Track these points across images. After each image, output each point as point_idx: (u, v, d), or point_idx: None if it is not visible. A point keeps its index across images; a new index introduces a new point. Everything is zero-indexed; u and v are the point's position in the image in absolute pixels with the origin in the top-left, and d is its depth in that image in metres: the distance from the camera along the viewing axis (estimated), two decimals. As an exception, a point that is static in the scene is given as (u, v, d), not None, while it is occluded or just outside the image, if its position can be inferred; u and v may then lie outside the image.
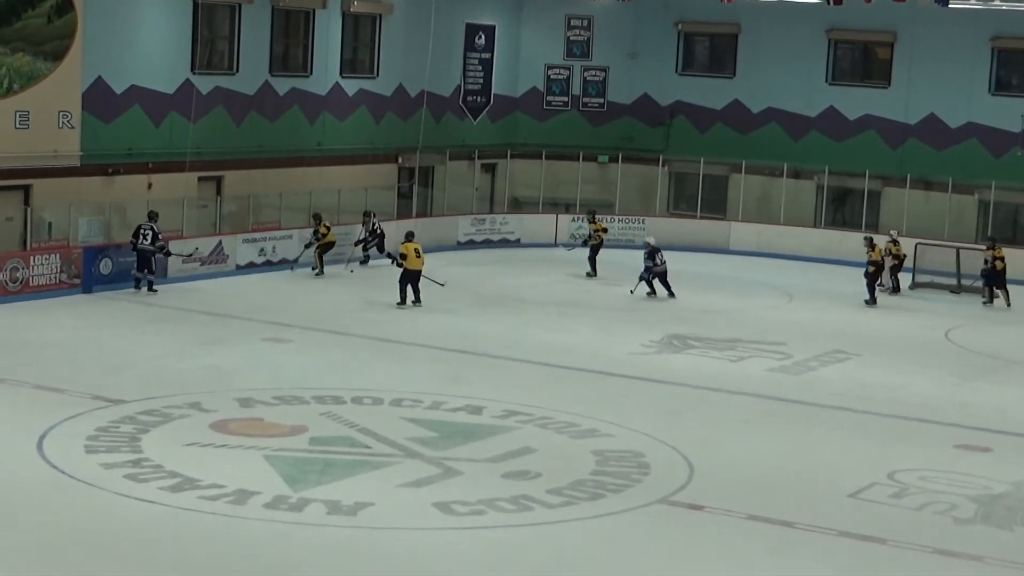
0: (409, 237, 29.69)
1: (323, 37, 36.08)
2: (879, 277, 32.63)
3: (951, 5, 36.82)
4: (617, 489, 17.27)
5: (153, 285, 28.91)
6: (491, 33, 41.24)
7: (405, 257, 28.91)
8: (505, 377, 23.28)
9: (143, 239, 28.73)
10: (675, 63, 42.45)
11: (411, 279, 28.89)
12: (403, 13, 38.14)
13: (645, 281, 31.56)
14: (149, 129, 32.00)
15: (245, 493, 16.20)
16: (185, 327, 25.99)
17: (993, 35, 38.52)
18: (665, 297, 31.39)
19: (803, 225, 39.75)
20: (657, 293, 31.53)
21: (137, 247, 28.76)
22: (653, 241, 32.57)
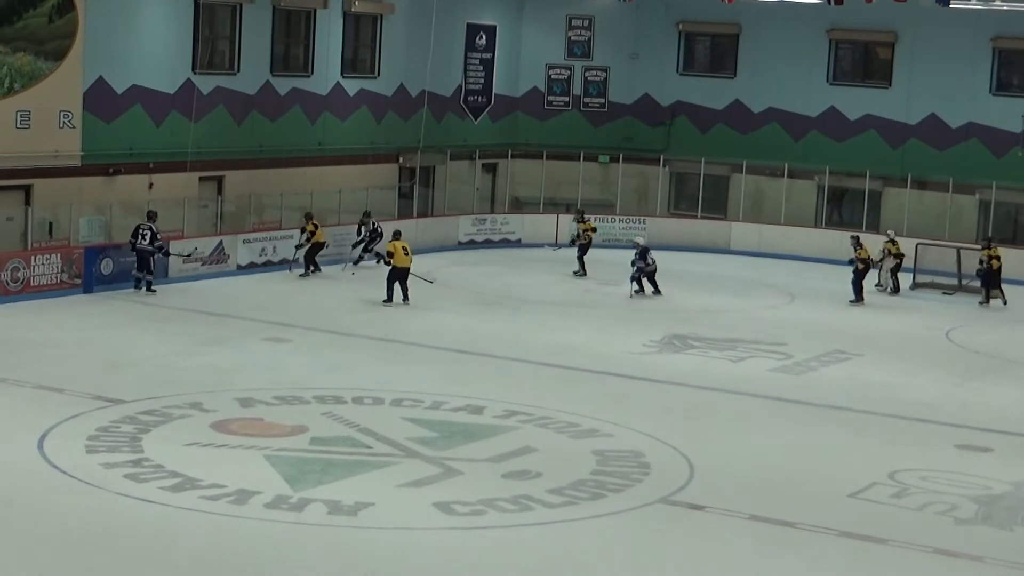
0: (396, 236, 29.84)
1: (324, 37, 36.08)
2: (866, 275, 32.52)
3: (952, 5, 36.81)
4: (617, 489, 17.27)
5: (151, 285, 28.88)
6: (492, 33, 41.24)
7: (392, 255, 29.04)
8: (506, 377, 23.28)
9: (141, 239, 28.71)
10: (676, 63, 42.45)
11: (399, 277, 29.01)
12: (404, 13, 38.14)
13: (635, 280, 31.59)
14: (150, 129, 32.01)
15: (246, 493, 16.21)
16: (186, 327, 25.99)
17: (994, 35, 38.51)
18: (651, 294, 31.46)
19: (803, 225, 39.74)
20: (645, 290, 31.60)
21: (136, 247, 28.78)
22: (643, 241, 32.60)
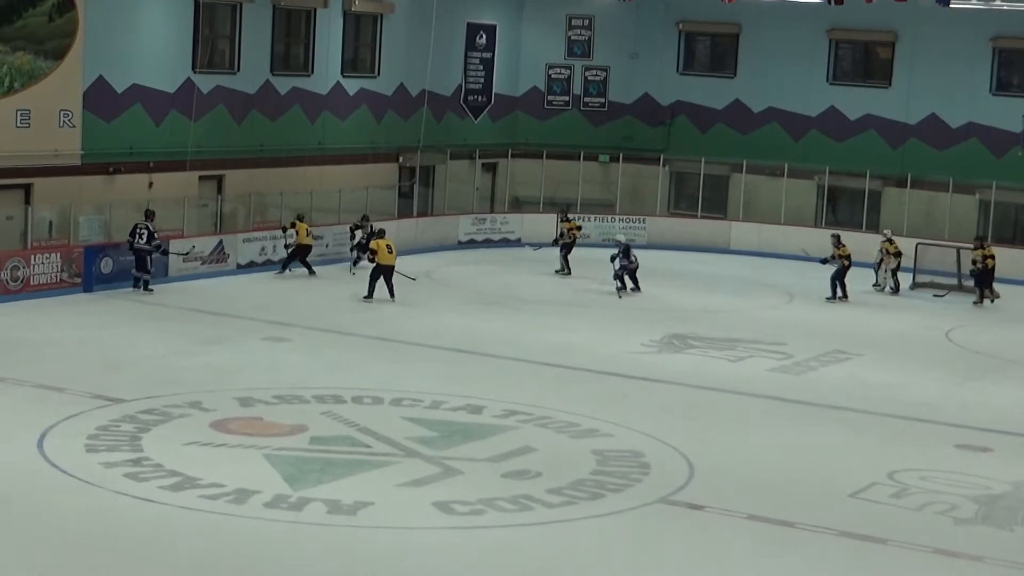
0: (381, 234, 30.08)
1: (324, 36, 36.07)
2: (846, 273, 32.43)
3: (952, 5, 36.80)
4: (617, 489, 17.27)
5: (148, 284, 28.87)
6: (492, 32, 41.23)
7: (376, 253, 29.12)
8: (505, 377, 23.27)
9: (138, 238, 28.70)
10: (676, 63, 42.45)
11: (383, 274, 29.12)
12: (404, 12, 38.13)
13: (619, 278, 31.58)
14: (150, 128, 31.99)
15: (245, 492, 16.20)
16: (186, 326, 25.98)
17: (994, 35, 38.50)
18: (631, 291, 31.54)
19: (803, 225, 39.73)
20: (626, 287, 31.63)
21: (133, 246, 28.75)
22: (624, 239, 32.58)
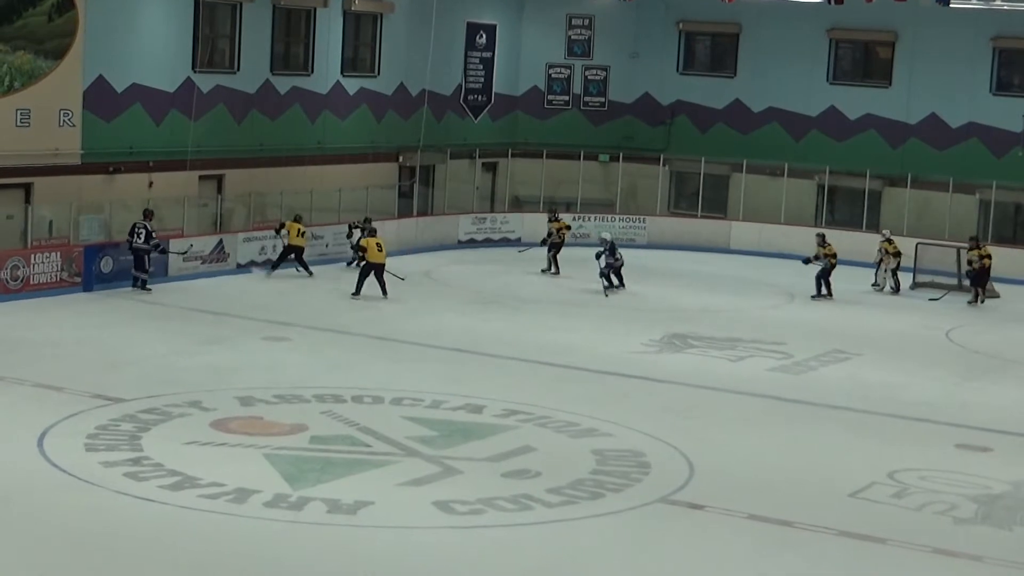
0: (371, 232, 30.00)
1: (324, 36, 36.06)
2: (831, 272, 32.45)
3: (952, 5, 36.79)
4: (617, 488, 17.26)
5: (146, 284, 28.86)
6: (492, 32, 41.23)
7: (366, 250, 29.19)
8: (505, 376, 23.27)
9: (136, 237, 28.69)
10: (676, 62, 42.45)
11: (373, 272, 29.22)
12: (404, 12, 38.13)
13: (605, 276, 31.57)
14: (150, 127, 31.99)
15: (245, 492, 16.20)
16: (186, 325, 25.98)
17: (994, 35, 38.51)
18: (616, 287, 31.59)
19: (803, 225, 39.71)
20: (612, 284, 31.64)
21: (132, 246, 28.75)
22: (610, 236, 32.56)
